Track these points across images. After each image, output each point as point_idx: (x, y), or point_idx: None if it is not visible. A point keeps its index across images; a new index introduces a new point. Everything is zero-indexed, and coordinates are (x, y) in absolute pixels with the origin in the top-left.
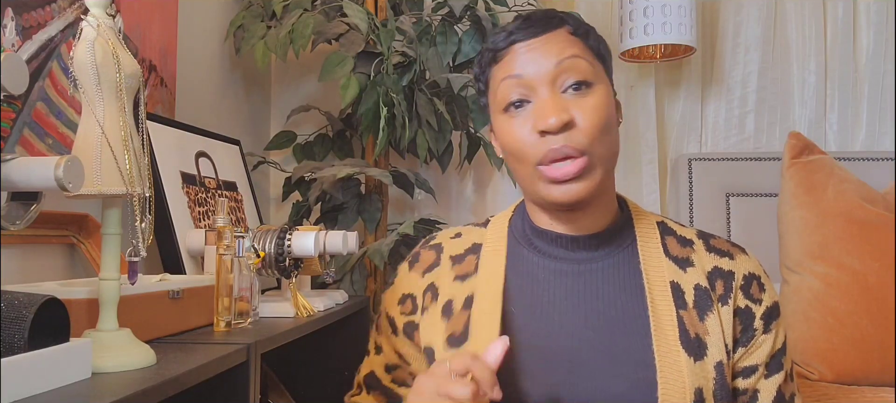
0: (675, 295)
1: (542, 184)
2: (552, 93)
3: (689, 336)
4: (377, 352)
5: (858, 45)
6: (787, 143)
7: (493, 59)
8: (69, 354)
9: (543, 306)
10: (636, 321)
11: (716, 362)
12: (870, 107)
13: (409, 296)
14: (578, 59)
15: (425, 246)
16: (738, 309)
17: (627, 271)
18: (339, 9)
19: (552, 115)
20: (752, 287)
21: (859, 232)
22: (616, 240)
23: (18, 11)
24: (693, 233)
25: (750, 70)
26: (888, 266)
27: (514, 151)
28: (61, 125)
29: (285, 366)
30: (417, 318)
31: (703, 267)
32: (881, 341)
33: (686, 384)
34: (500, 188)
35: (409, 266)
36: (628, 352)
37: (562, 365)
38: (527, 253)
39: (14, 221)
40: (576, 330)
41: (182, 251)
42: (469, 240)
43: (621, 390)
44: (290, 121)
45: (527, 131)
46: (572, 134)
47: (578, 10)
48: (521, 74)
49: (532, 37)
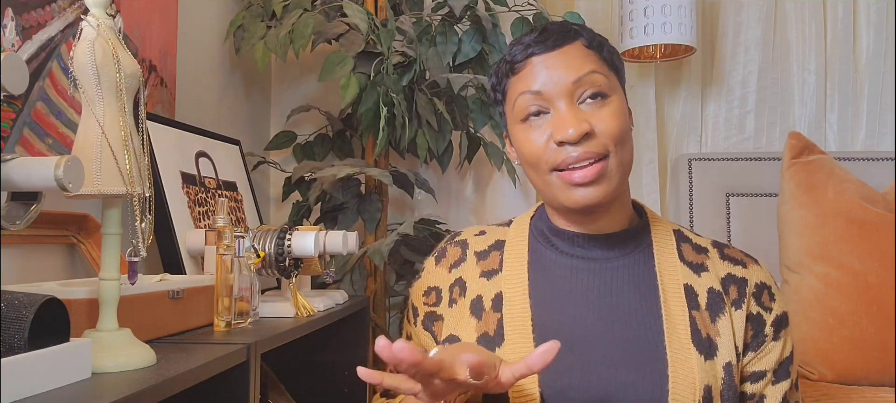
0: (689, 297)
1: (560, 189)
2: (570, 105)
3: (700, 336)
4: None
5: (858, 45)
6: (787, 143)
7: (511, 70)
8: (69, 354)
9: (560, 299)
10: (649, 318)
11: (725, 362)
12: (870, 107)
13: (435, 289)
14: (595, 75)
15: (451, 243)
16: (750, 314)
17: (642, 272)
18: (339, 9)
19: (571, 127)
20: (763, 295)
21: (859, 232)
22: (632, 242)
23: (18, 11)
24: (708, 242)
25: (750, 70)
26: (888, 266)
27: (531, 160)
28: (61, 125)
29: (285, 366)
30: (441, 310)
31: (718, 273)
32: (881, 341)
33: (696, 380)
34: (500, 188)
35: (435, 261)
36: (640, 346)
37: (576, 356)
38: (546, 251)
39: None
40: (591, 323)
41: (182, 251)
42: (493, 237)
43: (632, 382)
44: (290, 121)
45: (544, 140)
46: (590, 143)
47: (578, 10)
48: (541, 90)
49: (549, 50)
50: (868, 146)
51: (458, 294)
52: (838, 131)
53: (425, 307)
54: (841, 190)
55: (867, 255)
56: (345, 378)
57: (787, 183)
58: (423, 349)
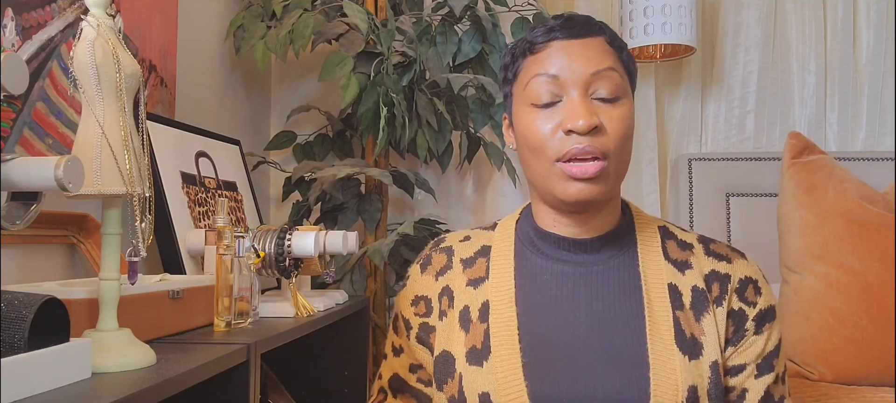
0: (673, 296)
1: (558, 180)
2: (583, 97)
3: (684, 336)
4: (396, 354)
5: (858, 45)
6: (787, 143)
7: (530, 50)
8: (69, 354)
9: (546, 306)
10: (633, 321)
11: (711, 361)
12: (870, 107)
13: (423, 298)
14: (613, 72)
15: (435, 249)
16: (731, 310)
17: (627, 274)
18: (339, 9)
19: (581, 117)
20: (747, 290)
21: (859, 232)
22: (617, 244)
23: (18, 11)
24: (694, 238)
25: (750, 70)
26: (888, 266)
27: (535, 146)
28: (61, 125)
29: (285, 366)
30: (432, 321)
31: (701, 270)
32: (881, 341)
33: (679, 382)
34: (500, 188)
35: (421, 269)
36: (625, 352)
37: (562, 363)
38: (532, 256)
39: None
40: (576, 330)
41: (182, 251)
42: (478, 243)
43: (617, 388)
44: (291, 121)
45: (551, 128)
46: (597, 138)
47: (578, 10)
48: (557, 75)
49: (572, 38)
50: (868, 146)
51: (446, 305)
52: (838, 131)
53: (417, 318)
54: (841, 190)
55: (867, 255)
56: (345, 378)
57: (787, 183)
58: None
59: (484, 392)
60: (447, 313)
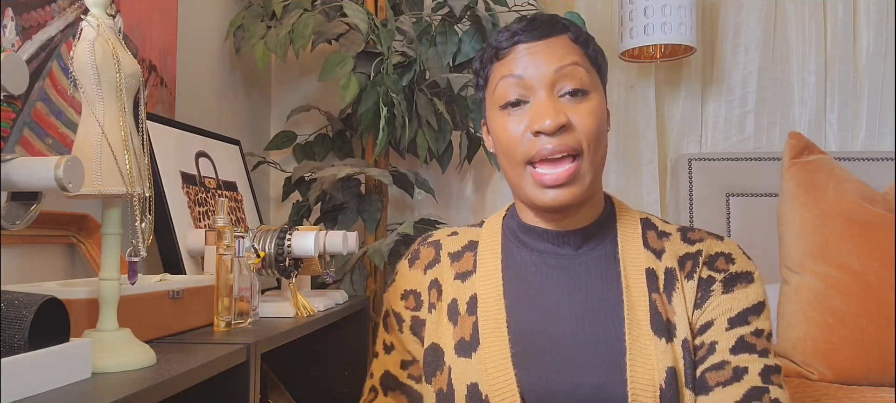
0: (650, 280)
1: (531, 187)
2: (549, 96)
3: (660, 319)
4: (387, 352)
5: (858, 45)
6: (787, 143)
7: (495, 56)
8: (69, 354)
9: (532, 299)
10: (613, 310)
11: (682, 339)
12: (870, 107)
13: (412, 292)
14: (577, 67)
15: (423, 244)
16: (700, 279)
17: (608, 264)
18: (339, 9)
19: (548, 117)
20: (718, 261)
21: (859, 232)
22: (599, 235)
23: (18, 11)
24: (674, 228)
25: (750, 70)
26: (888, 266)
27: (506, 149)
28: (61, 125)
29: (285, 366)
30: (423, 314)
31: (676, 252)
32: (881, 341)
33: (654, 366)
34: (499, 188)
35: (409, 263)
36: (605, 341)
37: (549, 354)
38: (518, 250)
39: (14, 221)
40: (560, 322)
41: (182, 251)
42: (465, 238)
43: (600, 375)
44: (291, 121)
45: (521, 130)
46: (566, 136)
47: (578, 10)
48: (522, 75)
49: (535, 39)
50: (868, 146)
51: (435, 297)
52: (838, 131)
53: (408, 312)
54: (841, 190)
55: (867, 255)
56: (345, 378)
57: (787, 183)
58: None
59: (473, 383)
60: (436, 305)
